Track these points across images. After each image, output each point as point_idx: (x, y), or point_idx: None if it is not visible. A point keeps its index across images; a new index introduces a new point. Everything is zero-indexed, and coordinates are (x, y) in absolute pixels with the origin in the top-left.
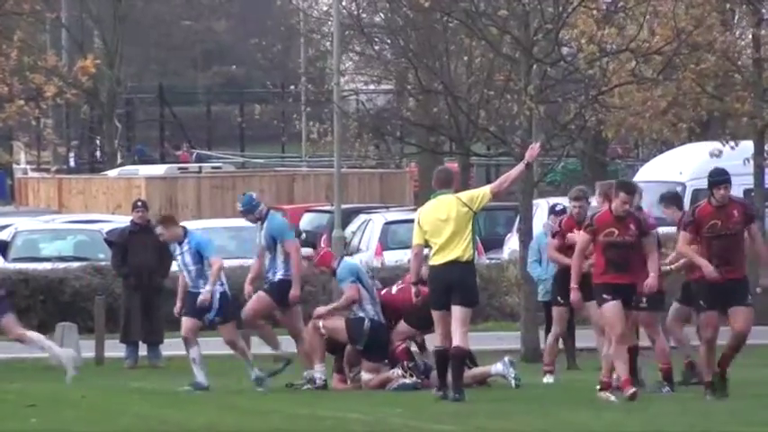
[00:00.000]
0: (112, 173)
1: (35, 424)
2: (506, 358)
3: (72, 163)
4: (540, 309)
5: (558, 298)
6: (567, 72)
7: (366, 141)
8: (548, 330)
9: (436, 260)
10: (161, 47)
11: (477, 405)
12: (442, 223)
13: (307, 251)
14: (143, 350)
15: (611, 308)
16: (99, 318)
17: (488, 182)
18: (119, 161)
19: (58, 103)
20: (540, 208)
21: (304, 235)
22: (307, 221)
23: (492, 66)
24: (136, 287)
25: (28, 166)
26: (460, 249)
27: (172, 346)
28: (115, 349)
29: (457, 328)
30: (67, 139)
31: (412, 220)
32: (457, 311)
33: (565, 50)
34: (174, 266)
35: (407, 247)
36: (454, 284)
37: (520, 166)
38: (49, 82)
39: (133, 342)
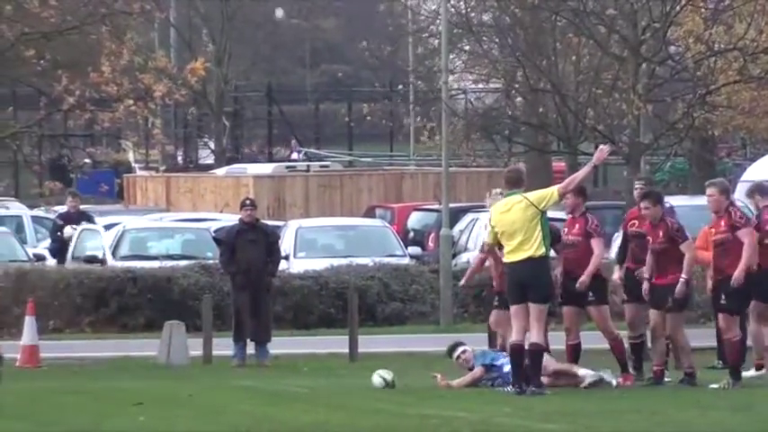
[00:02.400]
0: (220, 171)
1: (143, 422)
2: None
3: (180, 161)
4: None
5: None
6: (674, 71)
7: (474, 140)
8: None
9: (510, 258)
10: (269, 45)
11: (585, 404)
12: (511, 224)
13: (414, 250)
14: (250, 348)
15: None
16: (207, 316)
17: (596, 181)
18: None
19: (167, 102)
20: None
21: (412, 233)
22: (415, 220)
23: (600, 64)
24: (244, 286)
25: (136, 165)
26: (530, 247)
27: (279, 345)
28: (223, 348)
29: (533, 325)
30: (175, 138)
31: None
32: (531, 309)
33: (672, 49)
34: (283, 264)
35: None
36: (527, 281)
37: (587, 167)
38: (159, 82)
39: (242, 341)
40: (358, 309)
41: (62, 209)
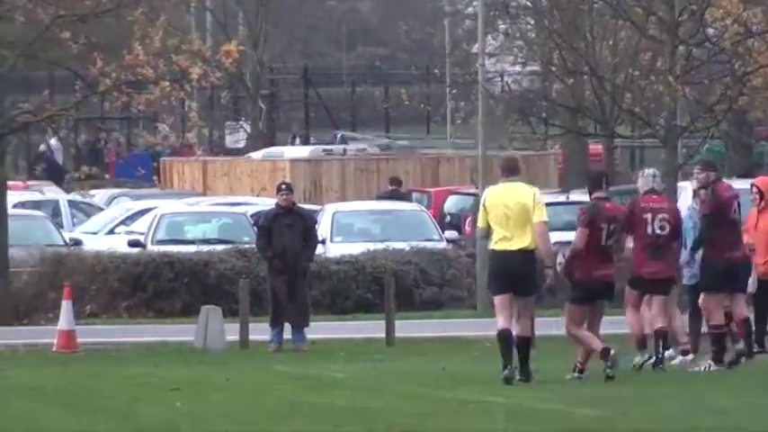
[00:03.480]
0: (257, 155)
1: (180, 408)
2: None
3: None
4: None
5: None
6: (712, 53)
7: (512, 123)
8: (691, 315)
9: (500, 246)
10: (305, 27)
11: (621, 389)
12: (510, 211)
13: (451, 234)
14: (287, 333)
15: None
16: (243, 301)
17: (632, 164)
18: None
19: (203, 85)
20: (686, 191)
21: (449, 217)
22: (451, 204)
23: (637, 47)
24: (280, 270)
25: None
26: (526, 238)
27: (316, 330)
28: (259, 332)
29: (521, 317)
30: (212, 121)
31: (555, 204)
32: (520, 301)
33: (710, 31)
34: (320, 249)
35: (551, 229)
36: (516, 273)
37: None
38: (194, 65)
39: (279, 325)
40: (395, 293)
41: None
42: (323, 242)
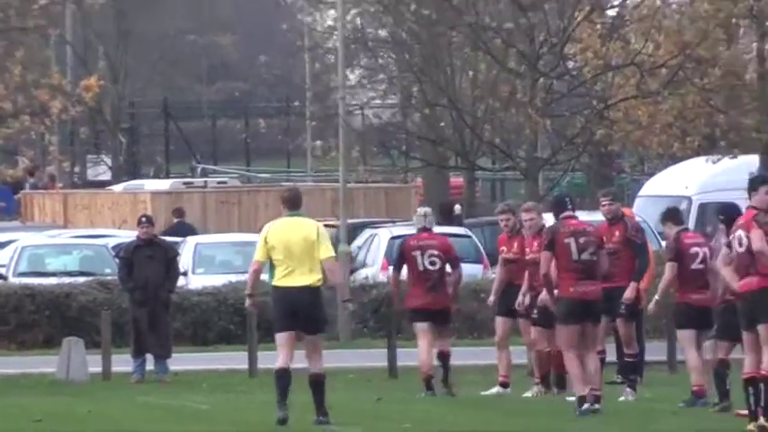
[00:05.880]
0: (118, 188)
1: None
2: None
3: (76, 178)
4: None
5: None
6: (572, 86)
7: (371, 156)
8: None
9: (284, 282)
10: (165, 62)
11: (487, 417)
12: (295, 245)
13: None
14: (150, 365)
15: None
16: (105, 332)
17: (493, 196)
18: None
19: (63, 119)
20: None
21: None
22: None
23: (497, 79)
24: (142, 302)
25: (28, 183)
26: (312, 275)
27: (179, 361)
28: (122, 364)
29: (311, 355)
30: (72, 154)
31: None
32: (309, 339)
33: (570, 64)
34: (182, 281)
35: None
36: (300, 311)
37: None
38: (54, 99)
39: (141, 356)
40: (257, 325)
41: None
42: (185, 274)
